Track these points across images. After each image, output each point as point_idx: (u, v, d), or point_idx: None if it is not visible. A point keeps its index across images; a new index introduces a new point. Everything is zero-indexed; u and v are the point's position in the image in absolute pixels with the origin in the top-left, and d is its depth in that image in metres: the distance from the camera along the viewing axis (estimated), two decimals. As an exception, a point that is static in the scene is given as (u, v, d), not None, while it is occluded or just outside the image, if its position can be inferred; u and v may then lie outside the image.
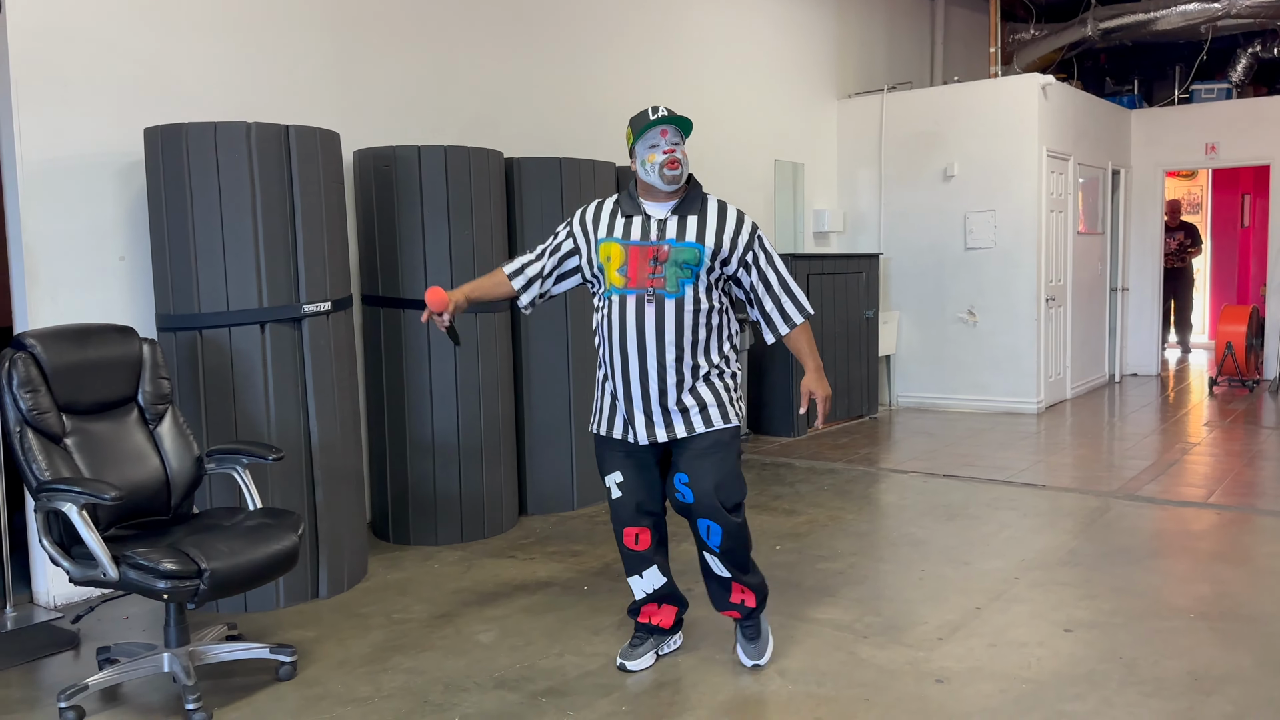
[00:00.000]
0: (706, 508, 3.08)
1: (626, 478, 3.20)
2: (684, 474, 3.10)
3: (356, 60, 5.09)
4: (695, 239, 3.07)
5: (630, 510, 3.22)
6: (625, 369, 3.10)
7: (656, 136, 3.04)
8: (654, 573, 3.27)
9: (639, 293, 3.06)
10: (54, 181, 3.99)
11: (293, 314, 3.93)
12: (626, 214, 3.14)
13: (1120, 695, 3.06)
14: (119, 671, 3.10)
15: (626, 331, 3.07)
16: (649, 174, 3.06)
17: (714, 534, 3.12)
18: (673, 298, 3.05)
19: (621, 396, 3.13)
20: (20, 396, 3.05)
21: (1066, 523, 4.98)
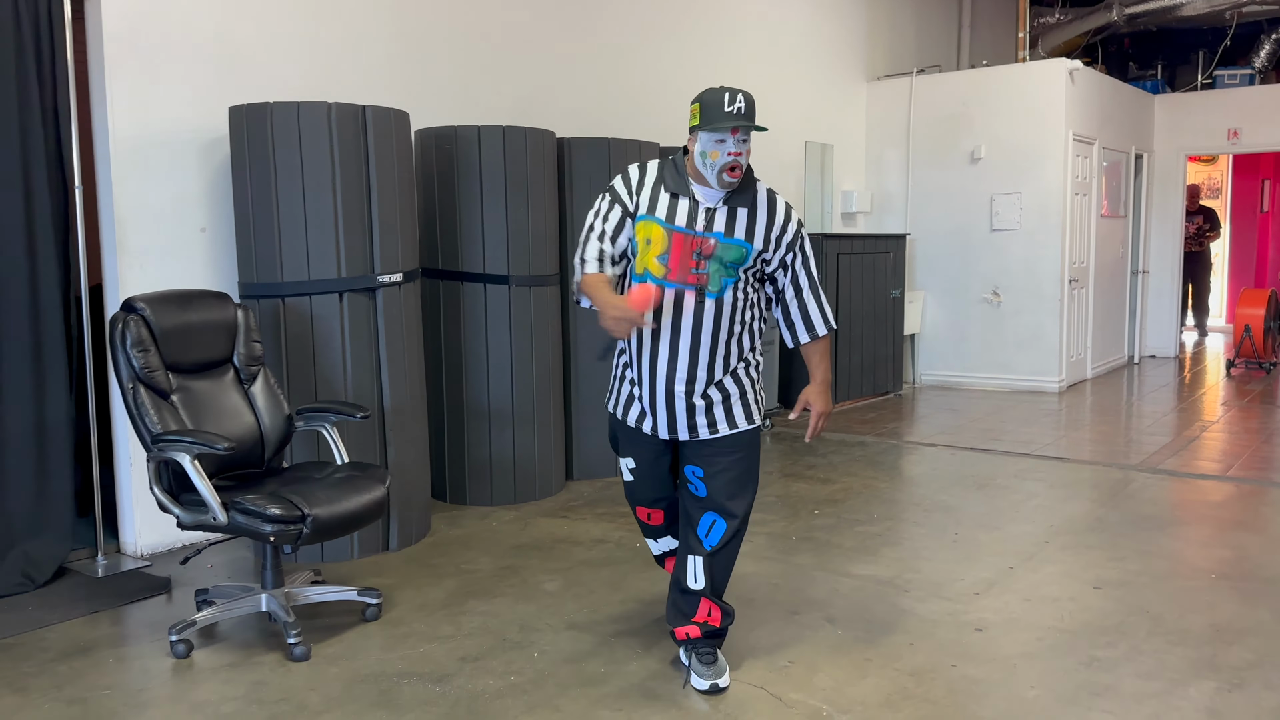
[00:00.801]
0: (717, 504, 2.97)
1: (639, 465, 3.10)
2: (699, 467, 2.98)
3: (417, 42, 5.31)
4: (744, 236, 2.88)
5: (641, 494, 3.17)
6: (653, 363, 2.93)
7: (726, 134, 2.79)
8: (668, 540, 3.29)
9: (678, 287, 2.86)
10: (142, 156, 4.23)
11: (368, 284, 4.17)
12: (672, 191, 2.90)
13: (1148, 643, 3.30)
14: (220, 610, 3.36)
15: (660, 327, 2.89)
16: (706, 169, 2.83)
17: (716, 530, 2.98)
18: (713, 297, 2.86)
19: (646, 389, 2.96)
20: (133, 355, 3.30)
21: (1091, 493, 5.21)
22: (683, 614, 3.04)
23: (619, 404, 3.10)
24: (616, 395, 3.11)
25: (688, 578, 3.01)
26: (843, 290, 7.70)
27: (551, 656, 3.22)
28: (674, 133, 6.95)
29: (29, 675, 3.14)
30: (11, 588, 3.84)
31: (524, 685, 3.02)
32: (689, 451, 3.00)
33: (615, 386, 3.12)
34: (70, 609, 3.69)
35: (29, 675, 3.14)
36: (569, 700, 2.92)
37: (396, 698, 2.95)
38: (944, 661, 3.17)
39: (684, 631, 3.04)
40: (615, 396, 3.12)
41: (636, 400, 3.02)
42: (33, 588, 3.89)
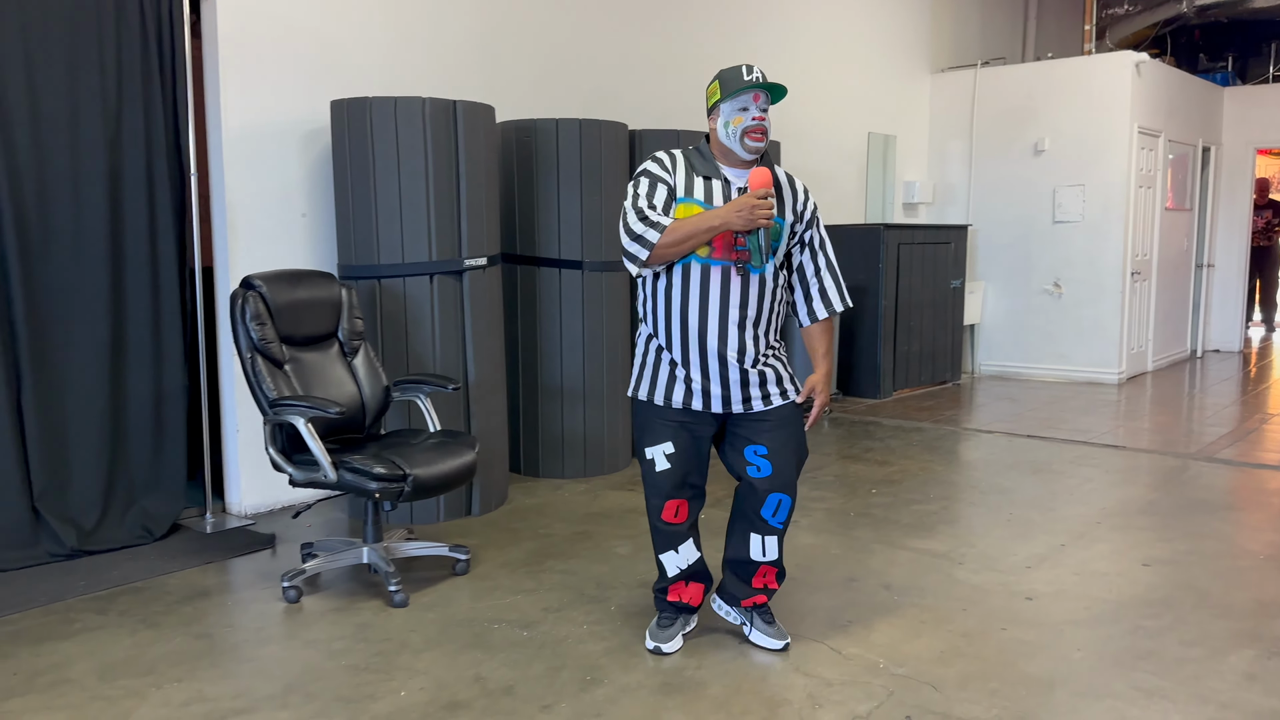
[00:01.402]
0: (783, 481, 3.03)
1: (677, 448, 3.04)
2: (762, 445, 3.02)
3: (497, 39, 5.60)
4: (777, 214, 2.97)
5: (675, 482, 3.06)
6: (703, 340, 2.95)
7: (748, 100, 2.87)
8: (689, 548, 3.16)
9: (724, 264, 2.91)
10: (250, 146, 4.58)
11: (456, 267, 4.47)
12: (704, 175, 2.97)
13: (1193, 615, 3.47)
14: (326, 560, 3.69)
15: (709, 304, 2.93)
16: (730, 137, 2.90)
17: (782, 508, 3.06)
18: (756, 273, 2.94)
19: (696, 367, 2.97)
20: (252, 328, 3.64)
21: (1145, 479, 5.34)
22: (745, 583, 3.17)
23: (654, 389, 3.05)
24: (651, 381, 3.06)
25: (752, 552, 3.12)
26: (903, 280, 7.86)
27: (627, 610, 3.49)
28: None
29: (159, 614, 3.49)
30: (132, 539, 4.22)
31: (603, 633, 3.29)
32: (746, 430, 3.04)
33: (646, 373, 3.08)
34: (187, 559, 4.05)
35: (159, 614, 3.49)
36: (644, 647, 3.18)
37: (489, 640, 3.24)
38: (994, 625, 3.38)
39: (751, 600, 3.20)
40: (649, 382, 3.06)
41: (680, 380, 3.01)
42: (150, 540, 4.26)
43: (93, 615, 3.48)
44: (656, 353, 3.06)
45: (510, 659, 3.11)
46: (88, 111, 4.11)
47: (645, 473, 3.11)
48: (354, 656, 3.13)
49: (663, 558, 3.18)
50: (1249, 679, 2.98)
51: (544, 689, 2.91)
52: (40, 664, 3.09)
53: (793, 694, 2.89)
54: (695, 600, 3.24)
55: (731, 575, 3.21)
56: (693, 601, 3.24)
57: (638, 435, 3.12)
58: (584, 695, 2.87)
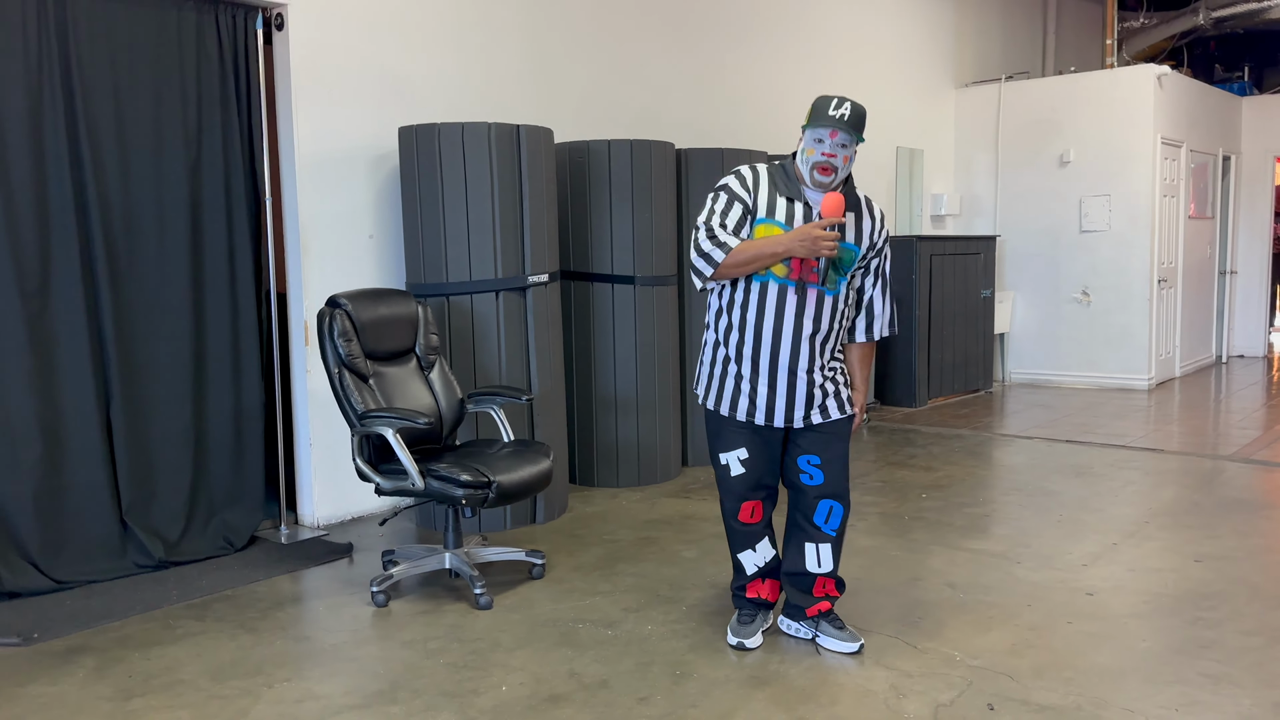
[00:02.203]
0: (835, 489, 3.18)
1: (751, 454, 3.19)
2: (815, 455, 3.16)
3: (546, 63, 5.79)
4: (853, 240, 3.10)
5: (749, 484, 3.23)
6: (774, 357, 3.08)
7: (825, 134, 2.98)
8: (765, 545, 3.32)
9: (799, 284, 3.04)
10: (321, 170, 4.77)
11: (520, 284, 4.65)
12: (787, 196, 3.08)
13: (1248, 607, 3.60)
14: (410, 566, 3.85)
15: (783, 321, 3.06)
16: (805, 165, 3.04)
17: (835, 515, 3.21)
18: (831, 294, 3.07)
19: (765, 381, 3.11)
20: (339, 344, 3.81)
21: (1186, 480, 5.47)
22: (806, 594, 3.29)
23: (721, 400, 3.19)
24: (718, 392, 3.20)
25: (808, 563, 3.25)
26: (935, 290, 8.01)
27: (702, 609, 3.64)
28: (777, 140, 7.35)
29: (254, 619, 3.65)
30: (215, 550, 4.38)
31: (684, 631, 3.44)
32: (803, 441, 3.17)
33: (714, 384, 3.21)
34: (271, 568, 4.21)
35: (254, 619, 3.65)
36: (725, 643, 3.33)
37: (576, 638, 3.39)
38: (1060, 619, 3.51)
39: (815, 609, 3.30)
40: (716, 394, 3.21)
41: (746, 394, 3.14)
42: (231, 551, 4.42)
43: (191, 621, 3.64)
44: (723, 364, 3.19)
45: (600, 655, 3.25)
46: (170, 140, 4.30)
47: (720, 477, 3.26)
48: (451, 655, 3.28)
49: (740, 557, 3.34)
50: (1311, 665, 3.11)
51: (637, 682, 3.06)
52: (152, 667, 3.25)
53: (876, 685, 3.02)
54: (773, 596, 3.41)
55: (791, 588, 3.33)
56: (770, 597, 3.40)
57: (711, 441, 3.27)
58: (676, 688, 3.01)
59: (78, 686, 3.11)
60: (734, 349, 3.14)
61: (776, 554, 3.37)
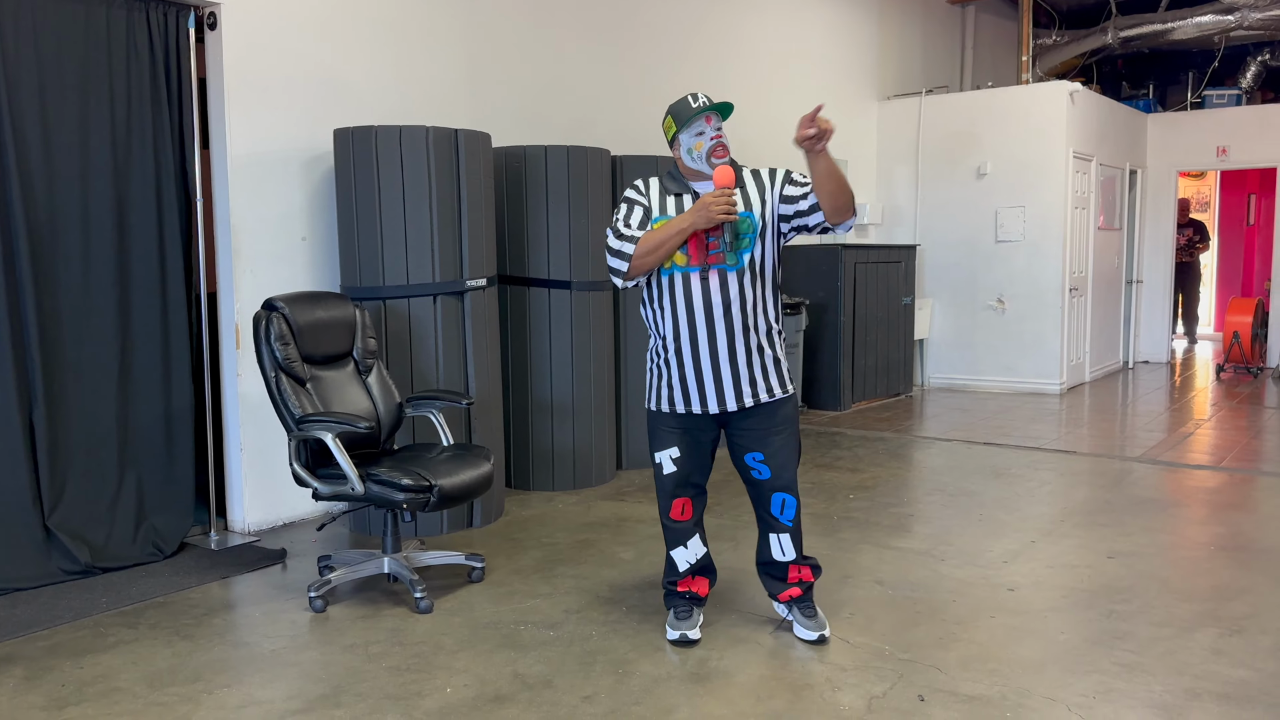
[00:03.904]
0: (783, 482, 3.30)
1: (682, 453, 3.32)
2: (758, 452, 3.28)
3: (482, 68, 5.81)
4: (744, 208, 3.20)
5: (678, 482, 3.35)
6: (694, 343, 3.21)
7: (702, 124, 3.14)
8: (696, 543, 3.43)
9: (702, 269, 3.17)
10: (254, 171, 4.71)
11: (458, 288, 4.66)
12: (675, 193, 3.25)
13: (1159, 600, 3.80)
14: (348, 572, 3.83)
15: (694, 307, 3.18)
16: (696, 160, 3.17)
17: (788, 507, 3.34)
18: (734, 270, 3.17)
19: (691, 369, 3.23)
20: (276, 347, 3.78)
21: (1098, 480, 5.72)
22: (779, 581, 3.44)
23: (658, 398, 3.33)
24: (655, 391, 3.35)
25: (773, 553, 3.40)
26: (859, 297, 8.22)
27: (642, 610, 3.70)
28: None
29: (189, 625, 3.60)
30: (144, 557, 4.30)
31: (625, 631, 3.50)
32: (743, 438, 3.29)
33: (652, 383, 3.37)
34: (203, 575, 4.15)
35: (189, 625, 3.60)
36: (667, 641, 3.40)
37: (519, 640, 3.43)
38: (983, 613, 3.67)
39: (787, 595, 3.44)
40: (653, 392, 3.36)
41: (678, 387, 3.26)
42: (161, 558, 4.35)
43: (124, 629, 3.57)
44: (659, 364, 3.33)
45: (543, 656, 3.30)
46: (98, 139, 4.22)
47: (655, 475, 3.41)
48: (393, 659, 3.29)
49: (674, 553, 3.45)
50: (1216, 653, 3.31)
51: (581, 681, 3.11)
52: (85, 675, 3.19)
53: (812, 679, 3.12)
54: (703, 591, 3.50)
55: (765, 576, 3.49)
56: (700, 592, 3.50)
57: (649, 442, 3.41)
58: (620, 686, 3.07)
59: (8, 696, 3.04)
60: (662, 344, 3.29)
61: (707, 551, 3.48)
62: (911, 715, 2.88)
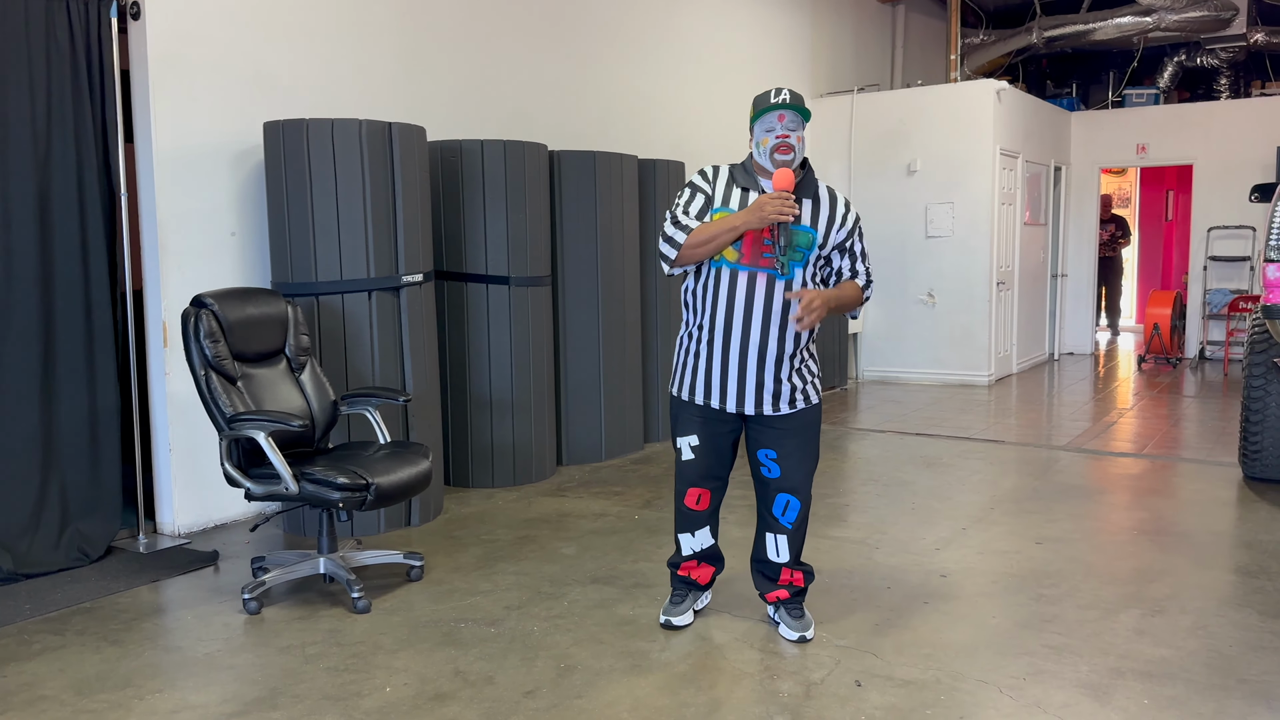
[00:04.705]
0: (791, 484, 3.29)
1: (701, 442, 3.30)
2: (771, 450, 3.27)
3: (416, 61, 5.74)
4: (809, 223, 3.17)
5: (699, 472, 3.33)
6: (726, 342, 3.19)
7: (774, 120, 3.09)
8: (705, 534, 3.43)
9: (752, 270, 3.13)
10: (181, 165, 4.60)
11: (394, 284, 4.61)
12: (743, 186, 3.20)
13: (1085, 583, 3.92)
14: (283, 573, 3.77)
15: (735, 307, 3.16)
16: (761, 155, 3.14)
17: (791, 509, 3.32)
18: (782, 279, 3.14)
19: (718, 364, 3.22)
20: (206, 345, 3.70)
21: (1025, 469, 5.87)
22: (769, 580, 3.44)
23: (684, 386, 3.32)
24: (679, 378, 3.34)
25: (768, 552, 3.39)
26: (795, 292, 8.30)
27: (583, 604, 3.71)
28: (648, 144, 7.49)
29: (118, 631, 3.51)
30: (69, 562, 4.18)
31: (566, 625, 3.50)
32: (760, 435, 3.28)
33: (679, 371, 3.35)
34: (131, 579, 4.05)
35: (118, 631, 3.51)
36: (609, 635, 3.41)
37: (459, 637, 3.41)
38: (917, 600, 3.74)
39: (774, 595, 3.44)
40: (679, 379, 3.34)
41: (703, 379, 3.25)
42: (87, 562, 4.23)
43: (49, 636, 3.47)
44: (687, 349, 3.31)
45: (484, 653, 3.28)
46: (17, 132, 4.08)
47: (676, 461, 3.41)
48: (331, 659, 3.25)
49: (680, 536, 3.47)
50: (1139, 633, 3.42)
51: (523, 677, 3.10)
52: (9, 684, 3.09)
53: (751, 667, 3.16)
54: (704, 579, 3.54)
55: (757, 573, 3.49)
56: (701, 580, 3.53)
57: (672, 426, 3.40)
58: (562, 681, 3.08)
59: (-74, 709, 2.94)
60: (698, 334, 3.27)
61: (715, 543, 3.48)
62: (848, 701, 2.93)
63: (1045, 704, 2.90)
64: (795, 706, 2.89)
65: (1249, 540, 4.43)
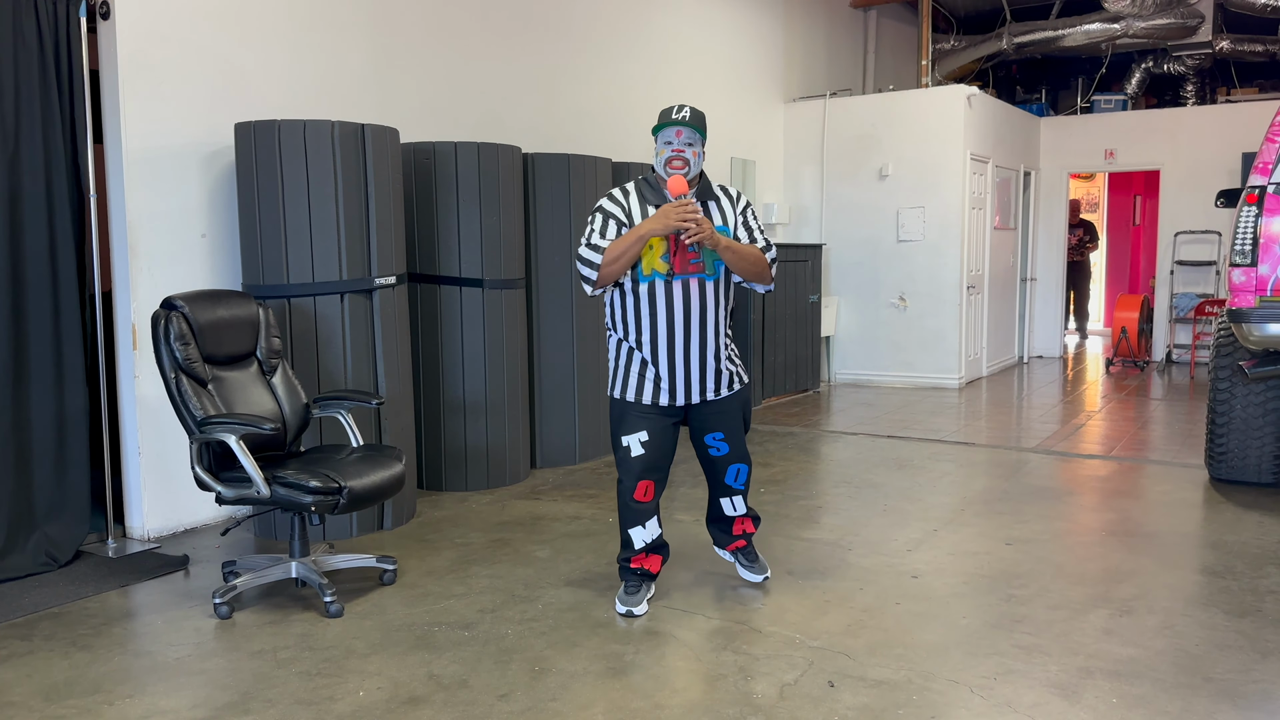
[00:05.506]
0: (738, 454, 3.73)
1: (651, 437, 3.56)
2: (718, 431, 3.67)
3: (389, 62, 5.72)
4: (722, 223, 3.54)
5: (646, 465, 3.57)
6: (671, 344, 3.49)
7: (671, 135, 3.42)
8: (653, 524, 3.66)
9: (684, 278, 3.45)
10: (151, 166, 4.56)
11: (367, 286, 4.59)
12: (654, 203, 3.49)
13: (1054, 584, 3.96)
14: (254, 577, 3.74)
15: (674, 312, 3.46)
16: (659, 166, 3.47)
17: (741, 474, 3.77)
18: (711, 279, 3.50)
19: (666, 366, 3.51)
20: (176, 348, 3.67)
21: (996, 471, 5.93)
22: (727, 534, 3.89)
23: (626, 388, 3.58)
24: (623, 382, 3.59)
25: (725, 510, 3.84)
26: (768, 295, 8.34)
27: (558, 607, 3.71)
28: (622, 147, 7.50)
29: (88, 636, 3.47)
30: (36, 567, 4.13)
31: (541, 629, 3.50)
32: (704, 421, 3.66)
33: (620, 374, 3.60)
34: (100, 584, 4.01)
35: (88, 636, 3.47)
36: (583, 638, 3.41)
37: (432, 641, 3.40)
38: (889, 600, 3.77)
39: (733, 546, 3.91)
40: (622, 384, 3.59)
41: (651, 380, 3.55)
42: (55, 567, 4.18)
43: (16, 641, 3.43)
44: (628, 356, 3.59)
45: (458, 656, 3.27)
46: (-17, 131, 4.03)
47: (621, 458, 3.62)
48: (303, 664, 3.23)
49: (631, 532, 3.67)
50: (1107, 633, 3.47)
51: (497, 680, 3.10)
52: (-26, 691, 3.05)
53: (725, 669, 3.17)
54: (654, 569, 3.74)
55: (715, 529, 3.93)
56: (652, 569, 3.73)
57: (614, 427, 3.63)
58: (536, 684, 3.07)
59: (-111, 717, 2.89)
60: (640, 344, 3.54)
61: (661, 533, 3.75)
62: (822, 701, 2.95)
63: (1015, 703, 2.93)
64: (769, 707, 2.90)
65: (1215, 541, 4.50)
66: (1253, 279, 4.91)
